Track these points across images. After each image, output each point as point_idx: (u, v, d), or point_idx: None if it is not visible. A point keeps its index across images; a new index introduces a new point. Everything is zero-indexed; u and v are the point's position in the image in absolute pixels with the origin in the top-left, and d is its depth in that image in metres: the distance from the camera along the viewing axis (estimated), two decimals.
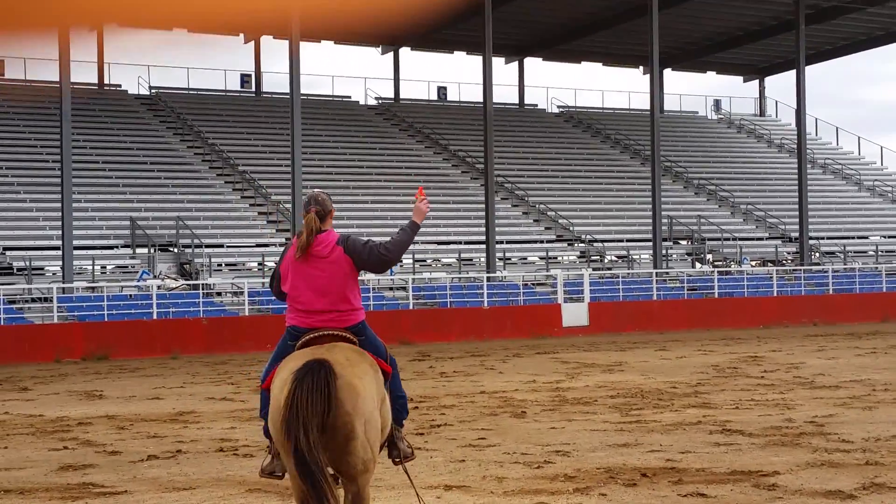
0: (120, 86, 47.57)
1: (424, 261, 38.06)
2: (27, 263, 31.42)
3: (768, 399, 16.06)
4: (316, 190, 7.19)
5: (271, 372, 6.75)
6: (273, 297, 7.60)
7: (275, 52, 55.03)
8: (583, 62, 56.35)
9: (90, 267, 32.55)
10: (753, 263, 41.82)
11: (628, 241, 41.71)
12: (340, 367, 6.33)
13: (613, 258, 41.02)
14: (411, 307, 32.37)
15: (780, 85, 69.70)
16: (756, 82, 60.51)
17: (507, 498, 9.43)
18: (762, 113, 60.54)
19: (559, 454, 11.59)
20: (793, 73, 44.93)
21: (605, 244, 41.12)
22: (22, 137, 40.22)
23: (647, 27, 39.30)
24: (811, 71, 49.70)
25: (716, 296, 36.70)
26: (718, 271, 38.60)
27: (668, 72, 56.68)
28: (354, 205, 40.44)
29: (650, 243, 39.32)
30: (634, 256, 40.66)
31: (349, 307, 6.94)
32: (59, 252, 30.79)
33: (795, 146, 46.03)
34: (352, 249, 6.91)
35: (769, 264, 41.69)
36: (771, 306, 36.35)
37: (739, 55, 55.69)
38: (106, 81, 47.19)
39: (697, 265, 41.63)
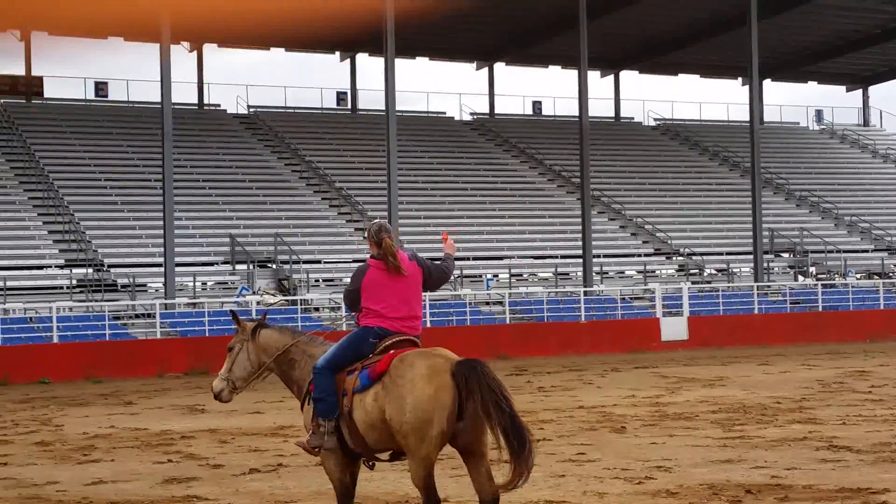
0: (219, 105, 48.39)
1: (521, 275, 37.94)
2: (131, 280, 32.05)
3: (876, 415, 15.63)
4: (381, 220, 8.52)
5: (353, 363, 7.92)
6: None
7: (370, 69, 55.48)
8: (680, 74, 55.78)
9: (191, 283, 33.09)
10: (858, 276, 40.86)
11: (728, 254, 41.08)
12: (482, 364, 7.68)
13: (713, 271, 40.43)
14: (508, 322, 32.27)
15: (885, 94, 68.04)
16: (859, 91, 59.24)
17: None
18: (866, 123, 59.23)
19: (660, 470, 11.41)
20: None
21: (704, 257, 40.55)
22: (125, 157, 41.11)
23: (746, 38, 38.72)
24: None
25: (819, 309, 35.89)
26: (822, 284, 37.78)
27: (767, 82, 55.81)
28: (450, 220, 40.49)
29: (751, 256, 38.65)
30: (734, 270, 40.01)
31: (419, 315, 8.19)
32: (161, 269, 31.33)
33: None
34: (422, 265, 8.22)
35: (875, 277, 40.68)
36: (877, 319, 35.44)
37: (841, 64, 54.56)
38: (205, 101, 48.06)
39: (800, 278, 40.81)
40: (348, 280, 8.51)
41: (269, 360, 8.62)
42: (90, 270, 32.71)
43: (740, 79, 54.41)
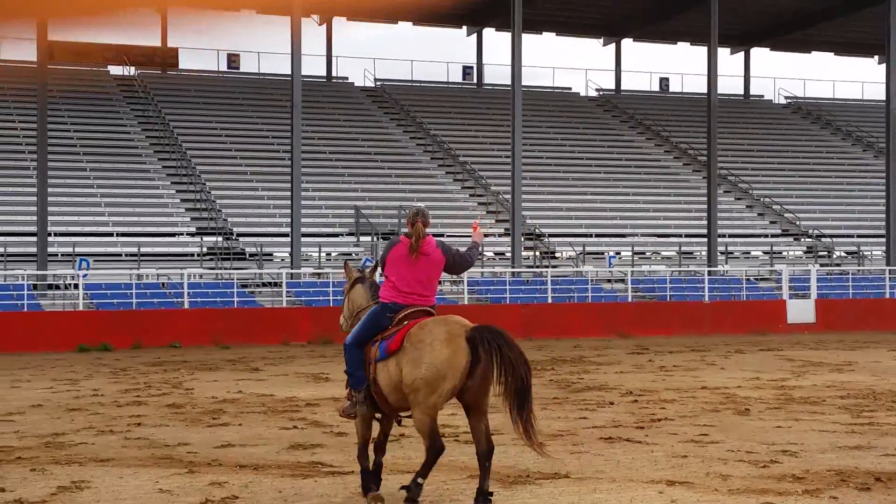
0: (347, 78, 48.94)
1: (644, 253, 37.61)
2: (258, 249, 32.72)
3: None
4: (422, 206, 9.25)
5: (375, 336, 8.88)
6: (489, 288, 9.44)
7: (497, 44, 55.43)
8: (813, 52, 54.43)
9: (316, 254, 33.63)
10: None
11: (859, 236, 40.06)
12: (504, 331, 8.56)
13: (842, 254, 39.48)
14: (630, 300, 32.04)
15: None
16: None
17: (733, 496, 9.22)
18: None
19: (786, 454, 11.25)
20: None
21: (834, 239, 39.62)
22: (255, 128, 41.92)
23: (883, 14, 37.57)
24: None
25: None
26: None
27: None
28: (574, 195, 40.34)
29: (883, 239, 37.63)
30: (866, 253, 39.01)
31: (432, 293, 9.03)
32: (288, 239, 31.93)
33: None
34: (446, 252, 9.06)
35: None
36: None
37: None
38: (334, 74, 48.64)
39: None
40: None
41: (353, 314, 9.72)
42: (220, 239, 33.50)
43: (876, 57, 52.82)
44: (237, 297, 29.22)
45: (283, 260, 33.32)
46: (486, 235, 36.45)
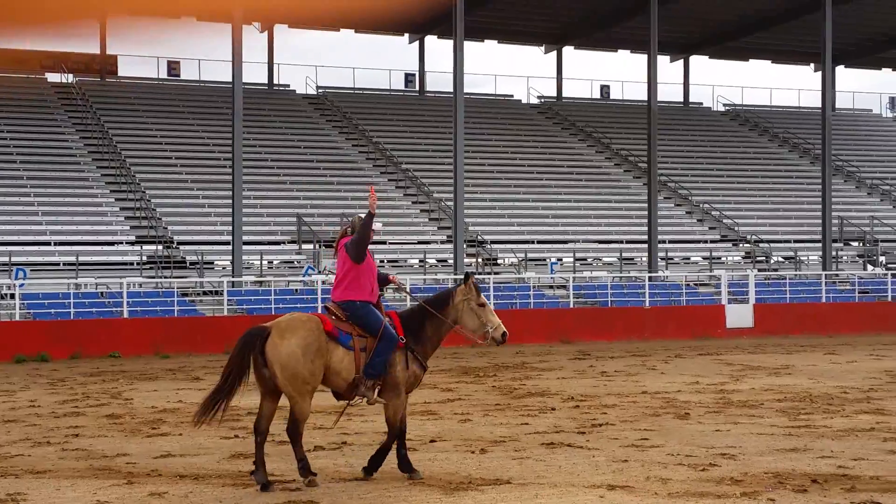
0: (289, 86, 48.76)
1: (586, 259, 37.84)
2: (199, 257, 32.47)
3: None
4: (360, 214, 10.27)
5: None
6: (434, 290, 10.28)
7: (439, 52, 55.53)
8: (751, 60, 55.13)
9: (258, 262, 33.44)
10: None
11: (796, 241, 40.62)
12: (276, 330, 10.18)
13: (780, 259, 39.99)
14: (572, 306, 32.22)
15: None
16: None
17: (673, 500, 9.30)
18: None
19: (725, 457, 11.38)
20: None
21: (772, 244, 40.14)
22: (195, 136, 41.62)
23: (819, 23, 38.19)
24: None
25: (889, 299, 35.39)
26: (892, 274, 37.20)
27: (840, 68, 54.93)
28: (516, 202, 40.48)
29: (819, 244, 38.22)
30: (802, 258, 39.56)
31: (336, 288, 10.32)
32: (229, 247, 31.73)
33: None
34: (347, 245, 10.24)
35: None
36: None
37: None
38: (275, 81, 48.44)
39: (869, 267, 40.24)
40: (413, 261, 10.48)
41: None
42: (160, 247, 33.19)
43: (812, 65, 53.67)
44: (178, 306, 28.96)
45: (224, 268, 33.08)
46: (428, 242, 36.52)
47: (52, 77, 45.03)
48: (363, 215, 10.18)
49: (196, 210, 36.44)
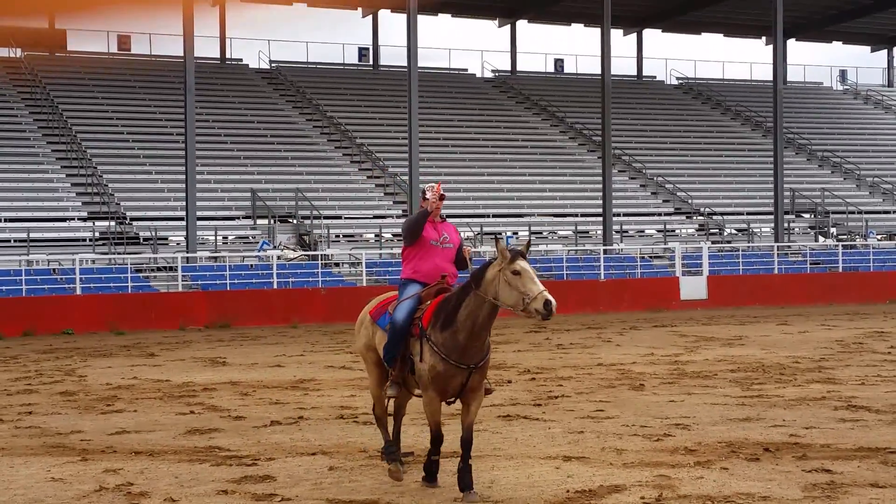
0: (241, 60, 48.34)
1: (541, 233, 37.94)
2: (153, 233, 32.22)
3: (895, 375, 15.66)
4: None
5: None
6: (388, 269, 9.52)
7: (392, 25, 55.22)
8: (703, 33, 55.34)
9: (212, 237, 33.24)
10: (880, 237, 40.69)
11: (748, 213, 40.95)
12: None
13: (733, 231, 40.33)
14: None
15: None
16: (884, 52, 58.69)
17: (627, 470, 9.38)
18: (890, 83, 58.71)
19: (679, 427, 11.49)
20: None
21: (725, 217, 40.45)
22: (147, 111, 41.20)
23: None
24: None
25: (840, 270, 35.83)
26: (843, 245, 37.65)
27: (791, 42, 55.33)
28: (470, 177, 40.47)
29: (771, 216, 38.57)
30: (755, 230, 39.92)
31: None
32: (183, 223, 31.51)
33: None
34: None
35: None
36: None
37: (866, 24, 54.03)
38: (228, 56, 48.02)
39: (821, 239, 40.68)
40: (369, 236, 9.50)
41: None
42: (112, 223, 32.89)
43: (764, 38, 53.99)
44: (131, 283, 28.74)
45: (178, 244, 32.84)
46: (383, 217, 36.47)
47: (0, 52, 44.36)
48: (429, 193, 9.26)
49: (149, 185, 36.13)
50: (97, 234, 32.24)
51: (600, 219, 36.42)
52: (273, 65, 48.17)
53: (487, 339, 8.62)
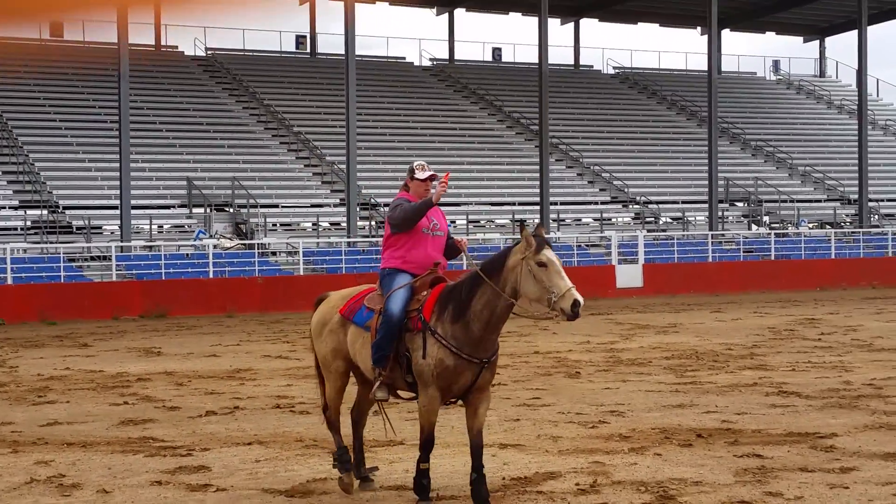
0: (177, 47, 47.82)
1: (478, 221, 38.02)
2: (86, 222, 31.81)
3: (825, 361, 15.94)
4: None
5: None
6: (325, 258, 9.14)
7: (330, 14, 54.97)
8: (639, 23, 55.68)
9: (147, 226, 32.90)
10: (811, 226, 41.32)
11: (684, 202, 41.36)
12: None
13: (668, 220, 40.72)
14: (465, 267, 32.27)
15: (842, 45, 68.34)
16: (816, 43, 59.52)
17: (563, 457, 9.45)
18: (822, 74, 59.57)
19: (614, 414, 11.60)
20: (855, 32, 44.21)
21: (660, 206, 40.82)
22: (81, 99, 40.62)
23: None
24: (878, 30, 48.86)
25: (772, 258, 36.34)
26: (775, 233, 38.18)
27: (726, 32, 55.87)
28: (407, 165, 40.32)
29: (706, 205, 38.99)
30: (690, 218, 40.33)
31: (382, 257, 8.49)
32: (118, 211, 31.15)
33: (856, 107, 45.37)
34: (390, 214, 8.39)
35: (827, 226, 41.18)
36: (828, 269, 35.94)
37: (799, 15, 54.77)
38: (163, 43, 47.47)
39: (754, 227, 41.22)
40: (306, 225, 8.69)
41: None
42: (45, 212, 32.41)
43: (699, 28, 54.43)
44: (64, 272, 28.38)
45: (112, 233, 32.47)
46: (321, 206, 36.33)
47: None
48: (420, 172, 8.66)
49: (82, 174, 35.64)
50: (29, 224, 31.76)
51: (537, 207, 36.59)
52: (209, 52, 47.72)
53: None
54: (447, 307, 7.83)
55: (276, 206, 35.59)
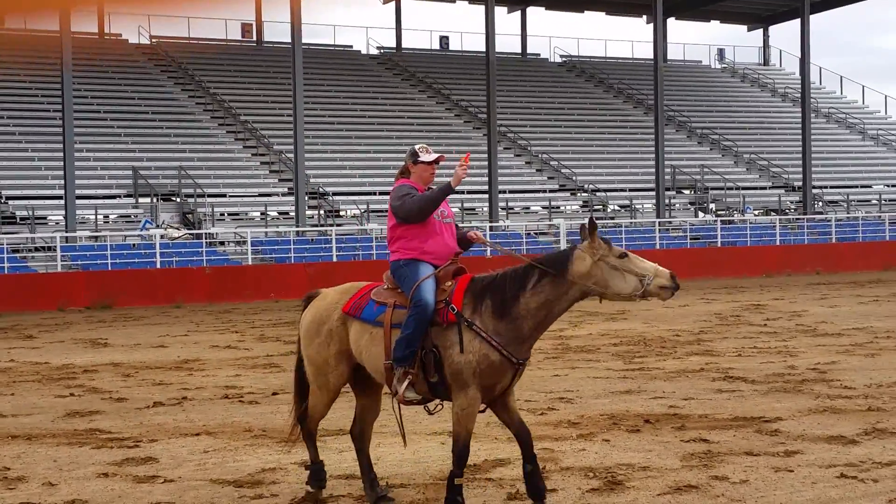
0: (120, 35, 47.30)
1: None
2: (30, 213, 31.42)
3: (771, 347, 16.12)
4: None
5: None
6: (274, 248, 8.58)
7: (275, 1, 54.55)
8: (586, 11, 55.86)
9: (93, 216, 32.56)
10: (756, 212, 41.77)
11: (631, 190, 41.63)
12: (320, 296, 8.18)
13: (616, 207, 40.97)
14: (488, 255, 32.30)
15: (785, 34, 69.08)
16: (760, 31, 60.10)
17: (512, 444, 9.47)
18: (766, 62, 60.18)
19: (563, 401, 11.67)
20: (798, 21, 44.69)
21: (608, 193, 41.05)
22: (23, 87, 40.08)
23: None
24: (821, 19, 49.31)
25: (718, 245, 36.71)
26: (721, 220, 38.56)
27: (671, 21, 56.27)
28: (356, 154, 40.33)
29: (653, 193, 39.28)
30: (637, 206, 40.60)
31: (391, 250, 7.77)
32: (62, 201, 30.79)
33: (799, 95, 45.88)
34: (391, 199, 7.69)
35: (772, 213, 41.66)
36: (774, 255, 36.35)
37: (744, 4, 55.27)
38: (106, 31, 46.92)
39: (700, 214, 41.59)
40: (254, 214, 8.27)
41: None
42: None
43: (645, 17, 54.77)
44: (8, 263, 28.02)
45: (57, 223, 32.10)
46: (269, 195, 36.14)
47: None
48: (426, 154, 8.03)
49: (26, 164, 35.18)
50: None
51: (486, 195, 36.66)
52: (154, 40, 47.23)
53: None
54: (484, 300, 7.32)
55: (223, 195, 35.36)
